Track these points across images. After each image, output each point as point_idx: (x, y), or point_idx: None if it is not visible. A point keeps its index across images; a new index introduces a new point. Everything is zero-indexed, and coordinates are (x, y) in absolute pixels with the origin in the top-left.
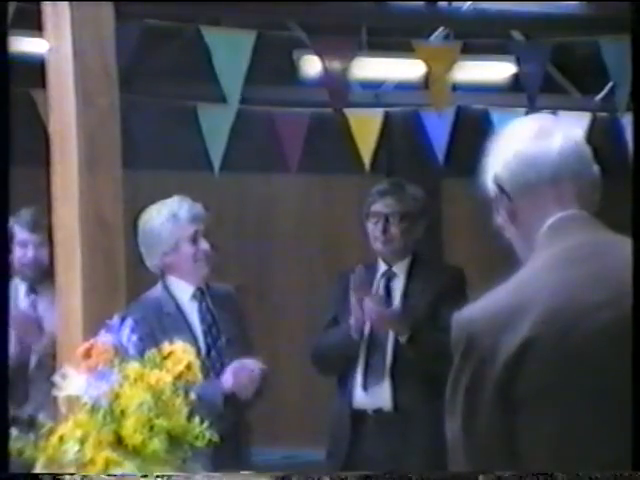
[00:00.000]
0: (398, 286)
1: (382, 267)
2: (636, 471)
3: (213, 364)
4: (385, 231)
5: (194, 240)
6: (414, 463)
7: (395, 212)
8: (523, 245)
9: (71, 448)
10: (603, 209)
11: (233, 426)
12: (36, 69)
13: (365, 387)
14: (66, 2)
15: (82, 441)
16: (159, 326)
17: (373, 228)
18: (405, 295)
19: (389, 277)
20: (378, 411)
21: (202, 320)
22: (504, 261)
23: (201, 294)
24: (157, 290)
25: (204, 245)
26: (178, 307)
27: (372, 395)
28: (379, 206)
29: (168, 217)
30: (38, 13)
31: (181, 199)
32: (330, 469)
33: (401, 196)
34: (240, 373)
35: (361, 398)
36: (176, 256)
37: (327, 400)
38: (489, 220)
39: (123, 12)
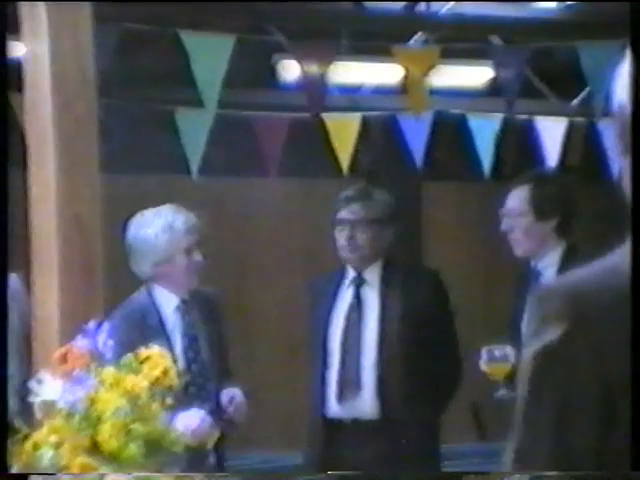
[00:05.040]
0: (371, 294)
1: (350, 274)
2: (636, 471)
3: (194, 379)
4: (351, 238)
5: (189, 252)
6: (389, 469)
7: (361, 219)
8: None
9: (45, 454)
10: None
11: None
12: (12, 72)
13: (340, 399)
14: (43, 4)
15: (57, 447)
16: (140, 337)
17: (339, 236)
18: (382, 304)
19: (358, 284)
20: (355, 421)
21: (184, 334)
22: (483, 264)
23: (185, 305)
24: (141, 297)
25: (198, 257)
26: (161, 320)
27: (348, 406)
28: (345, 213)
29: (164, 228)
30: (15, 15)
31: (176, 209)
32: (307, 474)
33: (367, 202)
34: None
35: (336, 408)
36: (169, 267)
37: (304, 406)
38: (468, 223)
39: (101, 15)
